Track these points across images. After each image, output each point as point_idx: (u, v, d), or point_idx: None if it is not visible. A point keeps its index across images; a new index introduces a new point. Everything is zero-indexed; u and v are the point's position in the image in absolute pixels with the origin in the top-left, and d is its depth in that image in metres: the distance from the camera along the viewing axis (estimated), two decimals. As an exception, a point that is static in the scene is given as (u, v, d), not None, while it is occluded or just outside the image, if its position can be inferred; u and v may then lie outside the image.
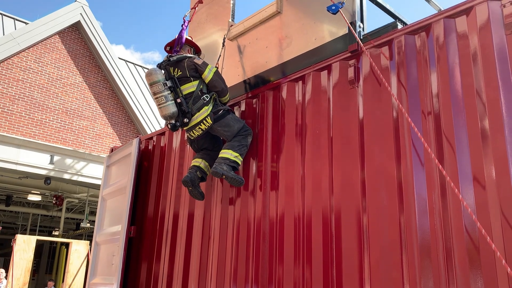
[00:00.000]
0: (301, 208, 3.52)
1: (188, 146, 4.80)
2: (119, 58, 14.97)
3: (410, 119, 2.87)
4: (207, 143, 4.31)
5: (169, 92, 3.99)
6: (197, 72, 4.13)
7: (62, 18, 13.05)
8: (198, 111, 4.00)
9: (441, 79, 2.93)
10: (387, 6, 4.02)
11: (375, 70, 3.29)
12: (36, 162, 11.36)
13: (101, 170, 11.44)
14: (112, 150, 6.23)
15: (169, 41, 4.49)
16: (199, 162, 4.27)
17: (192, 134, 4.13)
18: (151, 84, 4.03)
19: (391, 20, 3.86)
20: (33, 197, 14.98)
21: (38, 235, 18.32)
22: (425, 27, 3.14)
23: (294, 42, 4.18)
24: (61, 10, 13.12)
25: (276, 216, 3.70)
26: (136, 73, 16.66)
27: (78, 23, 13.43)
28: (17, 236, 10.44)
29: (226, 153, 3.95)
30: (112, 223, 5.59)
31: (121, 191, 5.48)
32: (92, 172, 12.31)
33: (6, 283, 9.97)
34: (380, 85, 3.24)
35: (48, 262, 22.07)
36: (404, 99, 3.08)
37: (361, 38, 3.58)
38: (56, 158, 11.71)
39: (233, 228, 4.07)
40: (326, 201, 3.35)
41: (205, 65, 4.16)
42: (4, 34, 12.93)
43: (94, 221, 11.56)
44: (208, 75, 4.13)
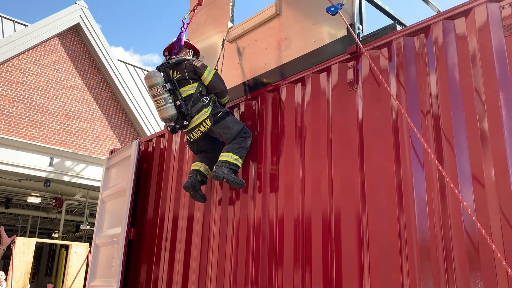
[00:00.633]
0: (301, 210, 3.52)
1: (187, 148, 4.80)
2: (118, 60, 14.98)
3: (410, 120, 2.87)
4: (206, 145, 4.31)
5: (169, 94, 3.99)
6: (196, 74, 4.13)
7: (62, 21, 13.06)
8: (198, 113, 4.00)
9: (440, 80, 2.93)
10: (386, 8, 4.03)
11: (374, 71, 3.30)
12: (35, 164, 11.35)
13: (100, 172, 11.43)
14: (111, 152, 6.23)
15: (167, 45, 4.50)
16: (199, 165, 4.27)
17: (191, 136, 4.13)
18: (150, 87, 4.04)
19: (390, 21, 3.87)
20: (33, 199, 14.97)
21: (37, 237, 18.30)
22: (424, 29, 3.14)
23: (293, 44, 4.18)
24: (60, 13, 13.13)
25: (275, 218, 3.70)
26: (135, 75, 16.66)
27: (78, 25, 13.44)
28: (17, 239, 10.42)
29: (226, 156, 3.95)
30: (112, 225, 5.59)
31: (120, 193, 5.48)
32: (92, 174, 12.30)
33: (5, 285, 9.96)
34: (379, 86, 3.25)
35: (48, 265, 22.05)
36: (404, 100, 3.09)
37: (360, 40, 3.58)
38: (55, 160, 11.70)
39: (233, 230, 4.06)
40: (326, 202, 3.35)
41: (204, 67, 4.17)
42: (3, 37, 12.93)
43: (93, 223, 11.55)
44: (207, 77, 4.13)
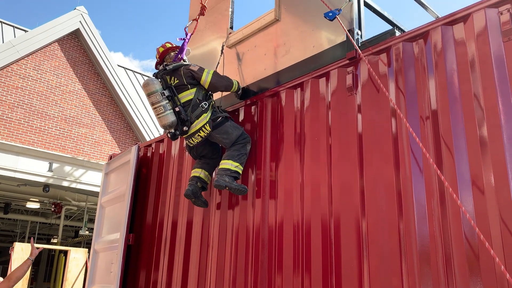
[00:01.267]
0: (300, 215, 3.51)
1: (186, 153, 4.80)
2: (118, 66, 15.00)
3: (409, 125, 2.87)
4: (206, 150, 4.31)
5: (167, 101, 3.99)
6: (194, 79, 4.12)
7: (62, 26, 13.09)
8: (197, 118, 4.01)
9: (439, 85, 2.94)
10: (385, 14, 4.05)
11: (373, 77, 3.30)
12: (35, 169, 11.33)
13: (100, 178, 11.41)
14: (111, 158, 6.22)
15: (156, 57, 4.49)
16: (199, 172, 4.27)
17: (191, 142, 4.13)
18: (148, 95, 4.04)
19: (389, 27, 3.88)
20: (32, 205, 14.93)
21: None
22: (423, 34, 3.15)
23: (292, 49, 4.19)
24: (60, 18, 13.15)
25: (275, 223, 3.69)
26: (135, 80, 16.68)
27: (78, 30, 13.46)
28: (15, 244, 10.39)
29: (226, 163, 3.94)
30: (111, 230, 5.57)
31: (119, 199, 5.47)
32: (91, 179, 12.28)
33: (4, 291, 9.90)
34: (378, 91, 3.25)
35: (46, 270, 21.95)
36: (403, 105, 3.09)
37: (359, 45, 3.59)
38: (55, 165, 11.68)
39: (232, 236, 4.05)
40: (325, 208, 3.34)
41: (201, 70, 4.15)
42: (3, 42, 12.96)
43: (92, 229, 11.51)
44: (206, 79, 4.11)
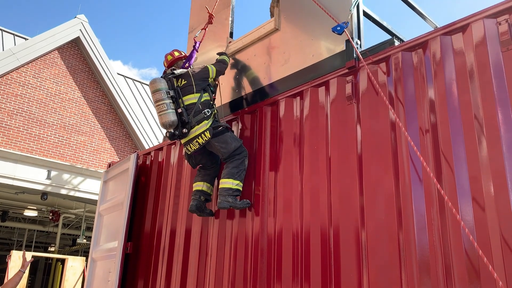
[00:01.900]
0: (300, 224, 3.50)
1: (185, 161, 4.80)
2: (118, 74, 15.04)
3: (408, 134, 2.87)
4: (204, 159, 4.31)
5: (171, 101, 4.06)
6: (202, 78, 4.22)
7: (62, 34, 13.14)
8: (198, 124, 4.02)
9: (438, 95, 2.94)
10: (384, 23, 4.07)
11: (372, 86, 3.31)
12: (33, 177, 11.30)
13: (98, 186, 11.38)
14: (109, 165, 6.21)
15: (167, 56, 4.55)
16: (201, 185, 4.28)
17: (189, 149, 4.13)
18: (154, 92, 4.11)
19: (388, 37, 3.90)
20: (29, 213, 14.87)
21: (33, 251, 18.13)
22: (422, 44, 3.16)
23: (292, 58, 4.21)
24: (61, 26, 13.21)
25: (274, 232, 3.68)
26: (134, 89, 16.71)
27: (78, 39, 13.51)
28: (12, 252, 10.34)
29: (227, 182, 3.95)
30: (109, 239, 5.54)
31: (118, 207, 5.45)
32: (89, 187, 12.25)
33: (0, 300, 9.84)
34: (377, 101, 3.26)
35: (43, 279, 21.79)
36: (402, 115, 3.09)
37: (358, 55, 3.61)
38: (53, 173, 11.66)
39: (231, 245, 4.03)
40: (325, 217, 3.33)
41: (206, 69, 4.29)
42: (3, 50, 12.99)
43: (90, 237, 11.45)
44: (213, 70, 4.31)
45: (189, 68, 4.40)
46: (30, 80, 12.43)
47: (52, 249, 18.03)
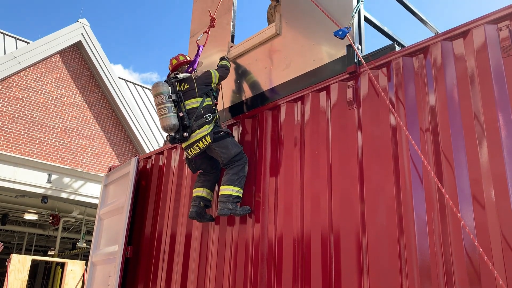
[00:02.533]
0: (300, 229, 3.50)
1: (186, 166, 4.80)
2: (119, 78, 15.06)
3: (411, 139, 2.87)
4: (204, 164, 4.31)
5: (173, 105, 4.08)
6: (204, 83, 4.24)
7: (63, 38, 13.17)
8: (199, 128, 4.03)
9: (439, 100, 2.95)
10: (385, 29, 4.08)
11: (373, 91, 3.32)
12: (33, 180, 11.30)
13: (98, 189, 11.37)
14: (110, 169, 6.21)
15: (168, 61, 4.57)
16: (201, 191, 4.28)
17: (189, 153, 4.13)
18: (156, 95, 4.13)
19: (389, 42, 3.91)
20: (30, 216, 14.84)
21: (33, 254, 18.10)
22: (423, 49, 3.17)
23: (293, 63, 4.22)
24: (62, 30, 13.25)
25: (274, 237, 3.67)
26: (135, 93, 16.74)
27: (79, 43, 13.55)
28: (12, 256, 10.32)
29: (227, 189, 3.95)
30: (109, 243, 5.53)
31: (118, 211, 5.44)
32: (90, 191, 12.24)
33: (-1, 303, 9.80)
34: (378, 106, 3.26)
35: (43, 283, 21.74)
36: (403, 120, 3.10)
37: (360, 60, 3.62)
38: (54, 176, 11.65)
39: (231, 249, 4.03)
40: (325, 221, 3.32)
41: (209, 74, 4.30)
42: (5, 53, 13.03)
43: (90, 241, 11.42)
44: (215, 75, 4.33)
45: (192, 73, 4.41)
46: (32, 83, 12.45)
47: (52, 252, 17.99)
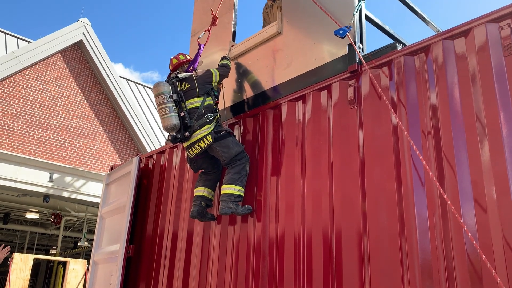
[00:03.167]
0: (301, 228, 3.50)
1: (188, 165, 4.80)
2: (120, 77, 15.07)
3: (410, 138, 2.87)
4: (206, 164, 4.31)
5: (174, 104, 4.07)
6: (205, 83, 4.23)
7: (65, 37, 13.18)
8: (200, 128, 4.03)
9: (440, 99, 2.94)
10: (387, 28, 4.08)
11: (374, 90, 3.32)
12: (35, 180, 11.33)
13: (100, 188, 11.39)
14: (111, 168, 6.22)
15: (169, 60, 4.56)
16: (202, 190, 4.28)
17: (191, 152, 4.13)
18: (157, 95, 4.13)
19: (391, 41, 3.90)
20: (31, 215, 14.88)
21: (35, 253, 18.14)
22: (424, 48, 3.17)
23: (294, 62, 4.22)
24: (63, 29, 13.26)
25: (276, 236, 3.67)
26: (137, 92, 16.75)
27: (81, 42, 13.56)
28: (14, 255, 10.34)
29: (228, 188, 3.95)
30: (111, 242, 5.54)
31: (120, 210, 5.45)
32: (91, 190, 12.27)
33: (2, 302, 9.83)
34: (379, 105, 3.26)
35: (45, 282, 21.79)
36: (404, 119, 3.10)
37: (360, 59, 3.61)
38: (55, 176, 11.68)
39: (233, 248, 4.03)
40: (327, 221, 3.33)
41: (210, 73, 4.30)
42: (6, 53, 13.04)
43: (92, 240, 11.45)
44: (216, 74, 4.32)
45: (193, 72, 4.41)
46: (33, 83, 12.47)
47: (54, 251, 18.03)
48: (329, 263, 3.21)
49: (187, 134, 4.03)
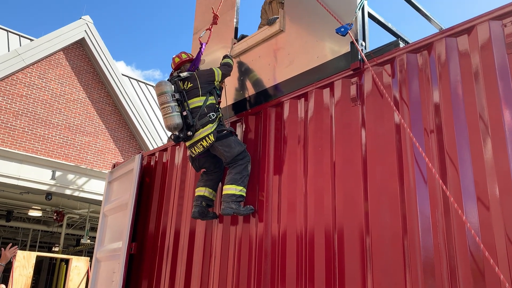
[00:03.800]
0: (304, 227, 3.50)
1: (190, 163, 4.80)
2: (122, 75, 15.08)
3: (412, 136, 2.87)
4: (208, 163, 4.31)
5: (176, 104, 4.07)
6: (207, 81, 4.22)
7: (67, 35, 13.19)
8: (202, 127, 4.02)
9: (443, 97, 2.94)
10: (389, 25, 4.06)
11: (377, 88, 3.31)
12: (37, 177, 11.35)
13: (102, 186, 11.41)
14: (114, 166, 6.23)
15: (170, 60, 4.57)
16: (203, 190, 4.29)
17: (193, 151, 4.13)
18: (159, 94, 4.12)
19: (393, 38, 3.89)
20: (34, 213, 14.92)
21: (38, 251, 18.20)
22: (427, 46, 3.16)
23: (296, 60, 4.21)
24: (66, 27, 13.26)
25: (278, 235, 3.68)
26: (139, 90, 16.75)
27: (83, 40, 13.56)
28: (17, 252, 10.36)
29: (230, 189, 3.95)
30: (113, 239, 5.56)
31: (122, 207, 5.46)
32: (94, 188, 12.29)
33: (5, 299, 9.87)
34: (382, 103, 3.25)
35: (48, 279, 21.86)
36: (406, 116, 3.09)
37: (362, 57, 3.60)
38: (58, 173, 11.70)
39: (235, 246, 4.03)
40: (329, 219, 3.32)
41: (212, 72, 4.28)
42: (9, 50, 13.06)
43: (94, 237, 11.47)
44: (218, 73, 4.30)
45: (195, 71, 4.40)
46: (35, 80, 12.48)
47: (56, 249, 18.08)
48: (331, 262, 3.21)
49: (189, 133, 4.03)
